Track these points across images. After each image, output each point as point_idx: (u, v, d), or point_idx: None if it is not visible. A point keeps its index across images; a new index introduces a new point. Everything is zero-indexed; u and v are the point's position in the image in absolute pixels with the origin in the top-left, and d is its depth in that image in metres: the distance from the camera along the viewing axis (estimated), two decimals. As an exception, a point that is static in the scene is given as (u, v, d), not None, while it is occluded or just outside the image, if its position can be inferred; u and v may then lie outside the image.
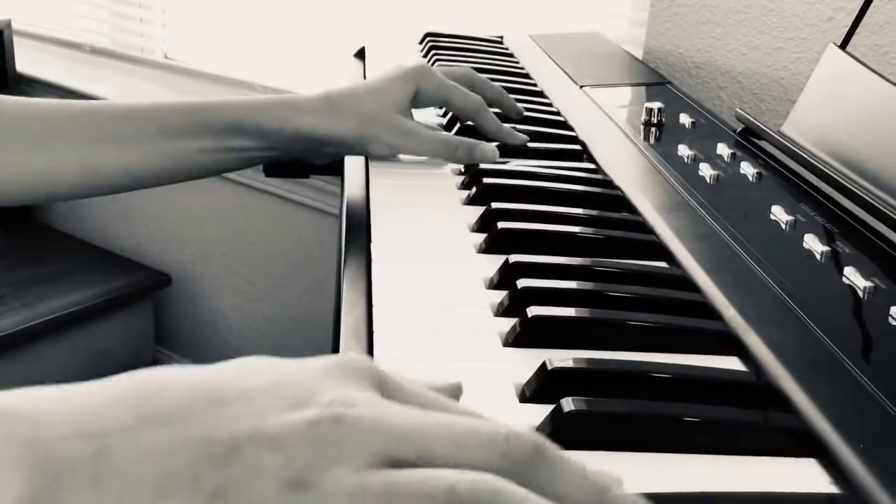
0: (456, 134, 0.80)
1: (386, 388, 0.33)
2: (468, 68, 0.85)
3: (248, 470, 0.29)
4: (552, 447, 0.31)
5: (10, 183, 0.71)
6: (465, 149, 0.75)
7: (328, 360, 0.34)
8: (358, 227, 0.70)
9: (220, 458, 0.29)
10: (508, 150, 0.79)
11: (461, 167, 0.78)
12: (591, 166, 0.78)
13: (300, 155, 0.77)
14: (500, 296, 0.55)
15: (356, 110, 0.73)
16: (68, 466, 0.28)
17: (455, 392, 0.39)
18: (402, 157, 0.78)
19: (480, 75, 0.84)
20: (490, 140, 0.79)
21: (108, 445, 0.29)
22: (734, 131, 0.85)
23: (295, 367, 0.33)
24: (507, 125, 0.81)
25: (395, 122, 0.73)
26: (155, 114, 0.72)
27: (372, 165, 0.76)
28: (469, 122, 0.82)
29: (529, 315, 0.50)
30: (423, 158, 0.78)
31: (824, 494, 0.40)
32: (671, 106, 0.89)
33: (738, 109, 0.86)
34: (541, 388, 0.45)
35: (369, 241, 0.63)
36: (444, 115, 0.90)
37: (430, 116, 0.90)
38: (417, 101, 0.77)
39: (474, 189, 0.71)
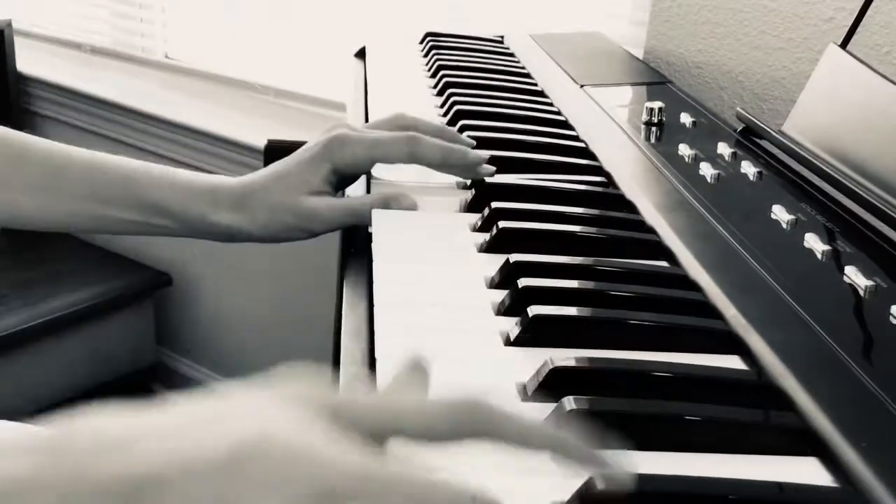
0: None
1: (344, 418, 0.32)
2: (398, 112, 0.76)
3: None
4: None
5: None
6: (362, 217, 0.70)
7: (278, 387, 0.33)
8: (358, 227, 0.70)
9: (130, 496, 0.29)
10: (508, 150, 0.79)
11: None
12: (592, 165, 0.78)
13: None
14: (501, 295, 0.55)
15: (265, 203, 0.72)
16: None
17: (422, 375, 0.38)
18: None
19: (410, 115, 0.76)
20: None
21: (7, 494, 0.29)
22: (735, 131, 0.85)
23: (234, 398, 0.32)
24: (458, 148, 0.73)
25: (300, 208, 0.71)
26: (88, 175, 0.73)
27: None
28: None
29: (531, 314, 0.50)
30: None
31: (826, 493, 0.40)
32: (672, 105, 0.89)
33: (738, 109, 0.86)
34: (542, 387, 0.45)
35: (370, 240, 0.63)
36: (445, 115, 0.90)
37: (433, 117, 0.90)
38: (342, 171, 0.72)
39: (475, 189, 0.71)
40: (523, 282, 0.54)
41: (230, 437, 0.29)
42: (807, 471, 0.41)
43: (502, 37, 1.25)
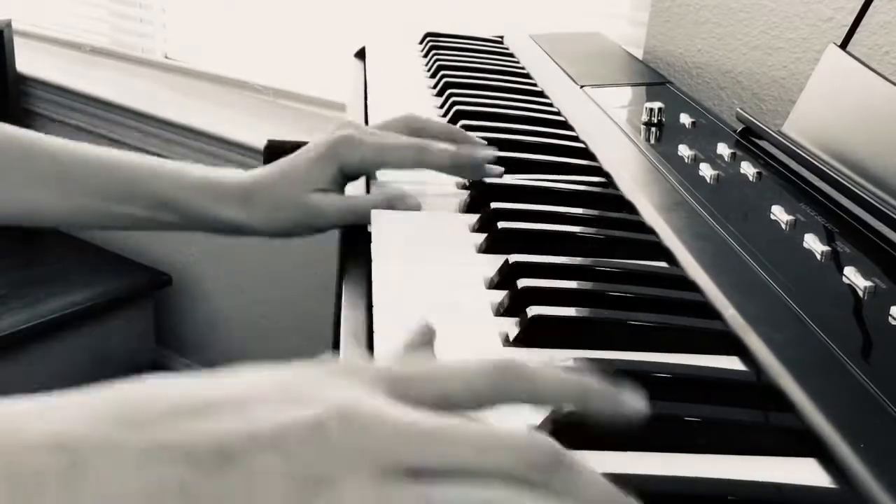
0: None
1: (397, 389, 0.31)
2: (409, 113, 0.76)
3: (247, 475, 0.28)
4: (570, 455, 0.31)
5: None
6: (364, 216, 0.70)
7: (330, 363, 0.32)
8: (358, 228, 0.70)
9: (211, 466, 0.28)
10: (507, 149, 0.79)
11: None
12: (592, 166, 0.78)
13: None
14: (500, 296, 0.55)
15: (270, 198, 0.73)
16: (38, 479, 0.27)
17: (428, 337, 0.39)
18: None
19: (421, 116, 0.76)
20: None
21: (84, 458, 0.28)
22: (734, 131, 0.85)
23: (295, 370, 0.31)
24: (465, 148, 0.72)
25: (304, 205, 0.72)
26: (97, 172, 0.74)
27: (372, 165, 0.76)
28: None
29: (530, 315, 0.50)
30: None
31: (824, 494, 0.40)
32: (671, 106, 0.89)
33: (738, 109, 0.86)
34: (541, 387, 0.45)
35: (369, 241, 0.63)
36: (445, 115, 0.90)
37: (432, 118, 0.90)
38: (348, 172, 0.73)
39: (474, 189, 0.71)
40: (523, 282, 0.54)
41: (315, 405, 0.29)
42: (805, 471, 0.41)
43: (502, 37, 1.25)
